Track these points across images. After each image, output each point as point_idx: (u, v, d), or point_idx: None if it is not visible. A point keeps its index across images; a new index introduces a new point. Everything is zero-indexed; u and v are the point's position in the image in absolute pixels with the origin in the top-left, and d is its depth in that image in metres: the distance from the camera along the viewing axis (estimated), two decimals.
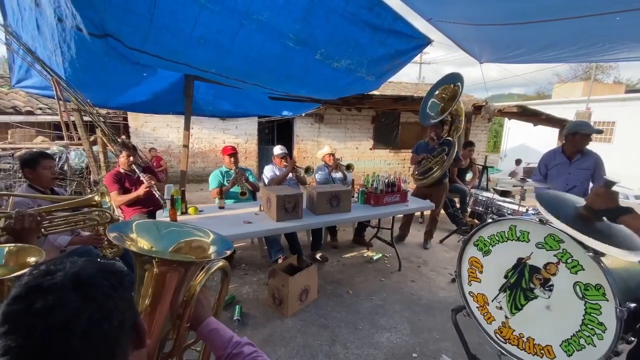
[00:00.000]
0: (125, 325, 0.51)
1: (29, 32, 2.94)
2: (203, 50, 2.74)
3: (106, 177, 3.03)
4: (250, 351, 0.80)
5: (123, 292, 0.52)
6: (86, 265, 0.51)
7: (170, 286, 0.76)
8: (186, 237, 0.87)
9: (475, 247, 1.75)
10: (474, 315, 1.76)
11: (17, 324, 0.42)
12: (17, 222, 1.32)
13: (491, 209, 2.92)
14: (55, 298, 0.44)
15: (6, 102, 6.08)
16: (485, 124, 10.32)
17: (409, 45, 3.16)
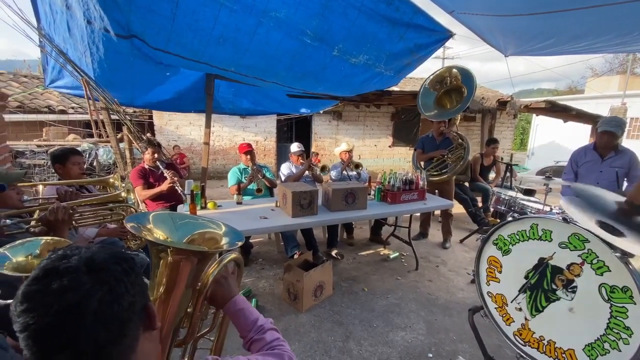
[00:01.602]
0: (136, 308, 0.54)
1: (60, 34, 3.11)
2: (222, 48, 2.80)
3: (132, 172, 3.17)
4: (272, 338, 0.82)
5: (134, 277, 0.55)
6: (100, 251, 0.54)
7: (183, 275, 0.79)
8: (200, 229, 0.90)
9: (495, 246, 1.70)
10: (492, 316, 1.71)
11: (34, 303, 0.46)
12: (51, 214, 1.42)
13: (514, 208, 2.81)
14: (70, 280, 0.48)
15: (41, 102, 6.47)
16: (511, 121, 9.92)
17: (429, 39, 3.09)
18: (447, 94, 3.58)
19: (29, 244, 1.03)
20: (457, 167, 3.60)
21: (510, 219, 1.62)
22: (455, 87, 3.53)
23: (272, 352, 0.77)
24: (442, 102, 3.58)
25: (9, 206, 1.52)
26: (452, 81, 3.55)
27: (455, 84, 3.53)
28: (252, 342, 0.84)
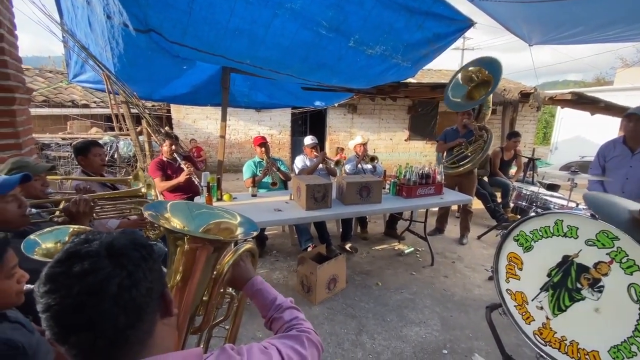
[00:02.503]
0: (153, 294, 0.55)
1: (82, 29, 3.19)
2: (238, 41, 2.80)
3: (150, 164, 3.25)
4: (291, 317, 0.82)
5: (152, 264, 0.56)
6: (119, 237, 0.55)
7: (199, 263, 0.79)
8: (216, 219, 0.90)
9: (515, 242, 1.64)
10: (511, 314, 1.66)
11: (57, 285, 0.48)
12: (74, 206, 1.47)
13: (536, 204, 2.70)
14: (91, 263, 0.49)
15: (65, 96, 6.70)
16: (534, 114, 9.56)
17: (448, 29, 2.99)
18: (476, 88, 3.46)
19: (57, 232, 1.08)
20: (475, 160, 3.49)
21: (533, 215, 1.56)
22: (485, 80, 3.41)
23: (290, 335, 0.77)
24: (472, 96, 3.46)
25: (33, 196, 1.59)
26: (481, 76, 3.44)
27: (484, 77, 3.41)
28: (272, 321, 0.85)
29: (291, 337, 0.75)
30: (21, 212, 1.33)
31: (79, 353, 0.49)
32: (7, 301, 0.94)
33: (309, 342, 0.75)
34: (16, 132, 2.02)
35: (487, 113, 3.50)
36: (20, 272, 0.97)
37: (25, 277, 0.98)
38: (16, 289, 0.95)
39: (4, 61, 1.94)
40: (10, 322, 0.96)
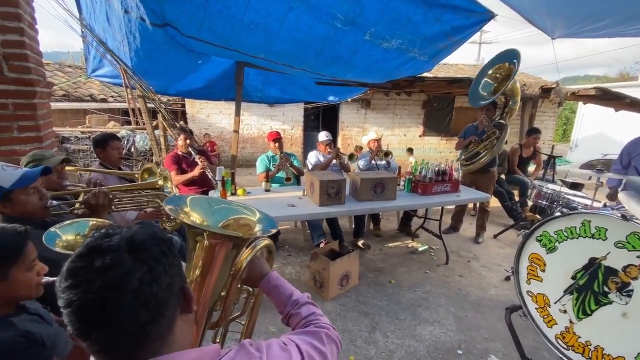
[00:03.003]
0: (173, 289, 0.54)
1: (100, 24, 3.24)
2: (253, 35, 2.79)
3: (166, 158, 3.29)
4: (308, 313, 0.81)
5: (172, 259, 0.55)
6: (139, 231, 0.54)
7: (218, 259, 0.79)
8: (235, 215, 0.90)
9: (538, 242, 1.58)
10: (532, 317, 1.61)
11: (78, 279, 0.47)
12: (93, 198, 1.50)
13: (557, 203, 2.60)
14: (112, 258, 0.48)
15: (84, 91, 6.86)
16: (554, 110, 9.24)
17: (467, 21, 2.90)
18: (501, 83, 3.36)
19: (77, 225, 1.09)
20: (484, 157, 3.39)
21: (558, 214, 1.49)
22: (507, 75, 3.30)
23: (308, 330, 0.75)
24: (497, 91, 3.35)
25: (50, 188, 1.62)
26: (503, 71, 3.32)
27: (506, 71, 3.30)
28: (289, 317, 0.84)
29: (310, 333, 0.74)
30: (42, 204, 1.36)
31: (101, 349, 0.48)
32: (27, 293, 0.96)
33: (327, 339, 0.74)
34: (37, 125, 2.06)
35: (515, 108, 3.34)
36: (40, 264, 0.99)
37: (45, 269, 0.99)
38: (36, 281, 0.96)
39: (25, 55, 1.97)
40: (30, 314, 0.98)
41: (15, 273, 0.91)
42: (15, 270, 0.91)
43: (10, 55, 1.91)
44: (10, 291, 0.91)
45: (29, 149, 2.01)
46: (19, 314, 0.95)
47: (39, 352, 0.90)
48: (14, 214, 1.30)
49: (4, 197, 1.26)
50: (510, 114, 3.37)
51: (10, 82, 1.93)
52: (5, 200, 1.27)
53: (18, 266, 0.91)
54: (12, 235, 0.91)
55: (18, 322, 0.92)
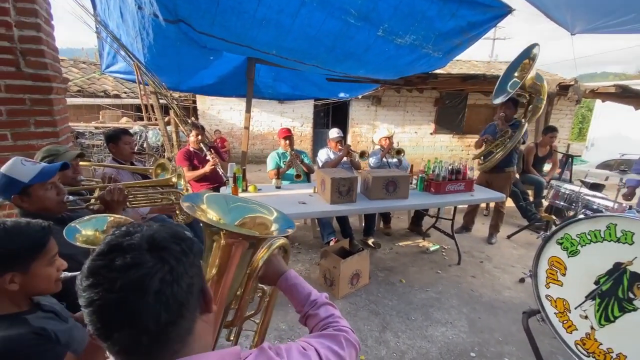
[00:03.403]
0: (194, 290, 0.53)
1: (114, 20, 3.26)
2: (265, 31, 2.77)
3: (178, 154, 3.31)
4: (327, 314, 0.79)
5: (192, 258, 0.54)
6: (160, 229, 0.53)
7: (235, 258, 0.78)
8: (251, 213, 0.88)
9: (559, 245, 1.53)
10: (550, 322, 1.56)
11: (99, 278, 0.46)
12: (108, 194, 1.51)
13: (576, 204, 2.52)
14: (133, 257, 0.47)
15: (98, 87, 6.97)
16: (570, 107, 9.00)
17: (484, 16, 2.82)
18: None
19: (96, 221, 1.10)
20: (495, 156, 3.31)
21: (581, 217, 1.44)
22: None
23: (326, 334, 0.74)
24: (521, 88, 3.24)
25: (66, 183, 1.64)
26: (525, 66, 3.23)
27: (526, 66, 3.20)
28: (307, 317, 0.82)
29: (328, 337, 0.72)
30: (60, 199, 1.38)
31: (121, 350, 0.47)
32: (47, 288, 0.96)
33: (347, 342, 0.72)
34: (53, 120, 2.09)
35: (540, 107, 3.19)
36: (60, 260, 0.99)
37: (64, 265, 1.00)
38: (55, 277, 0.97)
39: (41, 51, 1.99)
40: (44, 311, 0.99)
41: (36, 267, 0.91)
42: (37, 265, 0.91)
43: (27, 50, 1.94)
44: (29, 285, 0.91)
45: (45, 143, 2.04)
46: (33, 311, 0.96)
47: (52, 347, 0.91)
48: (32, 209, 1.31)
49: (23, 192, 1.27)
50: (534, 113, 3.23)
51: (27, 78, 1.95)
52: (23, 195, 1.28)
53: (40, 261, 0.92)
54: (37, 230, 0.92)
55: (32, 319, 0.92)
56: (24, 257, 0.89)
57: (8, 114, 1.95)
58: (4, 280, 0.87)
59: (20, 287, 0.89)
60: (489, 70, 8.05)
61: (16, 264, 0.88)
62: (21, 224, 0.91)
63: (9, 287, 0.88)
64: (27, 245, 0.90)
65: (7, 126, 1.95)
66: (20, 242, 0.88)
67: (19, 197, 1.28)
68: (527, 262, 3.26)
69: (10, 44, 1.88)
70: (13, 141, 1.99)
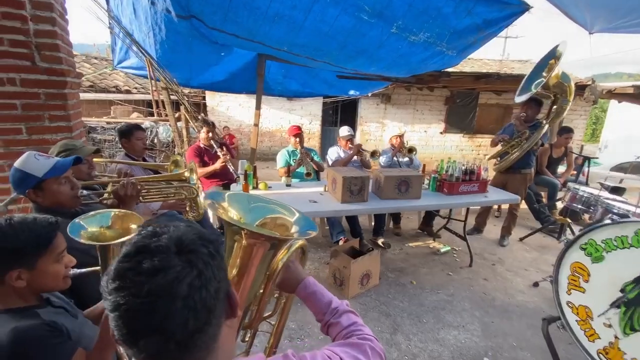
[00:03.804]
0: (220, 295, 0.51)
1: (127, 16, 3.26)
2: (277, 27, 2.75)
3: (188, 151, 3.30)
4: (349, 323, 0.77)
5: (219, 261, 0.52)
6: (188, 231, 0.50)
7: (256, 259, 0.76)
8: (272, 214, 0.86)
9: (582, 250, 1.47)
10: (571, 329, 1.51)
11: (126, 281, 0.44)
12: (122, 189, 1.50)
13: (595, 208, 2.45)
14: (161, 260, 0.45)
15: (109, 82, 7.02)
16: (585, 108, 8.79)
17: (500, 14, 2.76)
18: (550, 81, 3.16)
19: (100, 216, 1.08)
20: (510, 157, 3.23)
21: (608, 222, 1.39)
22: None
23: (351, 342, 0.71)
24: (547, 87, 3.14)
25: (80, 178, 1.63)
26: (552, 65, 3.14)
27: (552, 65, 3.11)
28: (328, 326, 0.80)
29: (353, 346, 0.69)
30: (74, 193, 1.37)
31: (147, 357, 0.45)
32: (54, 285, 0.95)
33: (372, 351, 0.70)
34: (67, 115, 2.09)
35: (565, 107, 3.09)
36: (69, 257, 0.98)
37: (73, 261, 0.98)
38: (64, 273, 0.96)
39: (56, 45, 1.99)
40: (54, 307, 0.98)
41: (43, 264, 0.90)
42: (43, 261, 0.90)
43: (42, 45, 1.94)
44: (37, 282, 0.90)
45: (59, 138, 2.04)
46: (43, 306, 0.95)
47: (63, 341, 0.90)
48: (46, 203, 1.31)
49: (37, 186, 1.27)
50: (558, 114, 3.13)
51: (42, 72, 1.96)
52: (37, 189, 1.28)
53: (46, 257, 0.90)
54: (43, 226, 0.90)
55: (43, 313, 0.92)
56: (29, 254, 0.88)
57: (23, 108, 1.95)
58: (11, 276, 0.86)
59: (27, 283, 0.88)
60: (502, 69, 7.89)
61: (22, 260, 0.87)
62: (27, 220, 0.89)
63: (15, 283, 0.87)
64: (33, 242, 0.88)
65: (22, 120, 1.96)
66: (26, 238, 0.87)
67: (33, 192, 1.28)
68: (541, 266, 3.19)
69: (26, 37, 1.88)
70: (28, 135, 1.99)
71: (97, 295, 1.24)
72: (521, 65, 9.48)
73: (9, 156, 1.95)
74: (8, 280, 0.86)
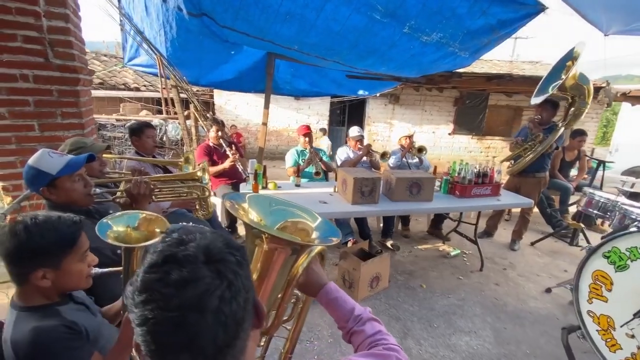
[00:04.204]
0: (248, 305, 0.48)
1: (138, 13, 3.26)
2: (288, 26, 2.73)
3: (198, 149, 3.30)
4: (373, 331, 0.74)
5: (247, 270, 0.49)
6: (214, 238, 0.48)
7: (277, 264, 0.73)
8: (293, 217, 0.83)
9: (605, 259, 1.43)
10: (591, 339, 1.47)
11: (154, 294, 0.41)
12: (135, 188, 1.48)
13: (612, 214, 2.38)
14: (190, 271, 0.42)
15: (119, 79, 7.06)
16: (597, 111, 8.65)
17: (515, 14, 2.71)
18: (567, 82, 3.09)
19: (128, 217, 1.07)
20: (524, 159, 3.17)
21: (634, 230, 1.34)
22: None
23: (377, 353, 0.68)
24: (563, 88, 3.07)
25: (92, 175, 1.63)
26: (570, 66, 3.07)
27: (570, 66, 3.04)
28: (352, 334, 0.77)
29: (380, 357, 0.67)
30: (87, 191, 1.36)
31: None
32: (78, 284, 0.94)
33: None
34: (79, 112, 2.09)
35: (584, 110, 3.03)
36: (92, 256, 0.96)
37: (95, 260, 0.97)
38: (87, 272, 0.94)
39: (69, 42, 1.99)
40: (76, 302, 0.97)
41: (67, 264, 0.89)
42: (68, 261, 0.89)
43: (55, 41, 1.94)
44: (61, 282, 0.89)
45: (70, 135, 2.04)
46: (66, 302, 0.94)
47: (81, 345, 0.89)
48: (59, 201, 1.30)
49: (50, 184, 1.26)
50: (575, 117, 3.06)
51: (55, 69, 1.96)
52: (51, 187, 1.27)
53: (71, 257, 0.90)
54: (68, 225, 0.89)
55: (64, 311, 0.91)
56: (55, 253, 0.87)
57: (35, 105, 1.96)
58: (36, 276, 0.85)
59: (52, 282, 0.87)
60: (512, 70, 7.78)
61: (47, 259, 0.86)
62: (52, 219, 0.88)
63: (40, 283, 0.86)
64: (59, 241, 0.87)
65: (34, 117, 1.96)
66: (52, 237, 0.86)
67: (47, 189, 1.27)
68: (553, 271, 3.13)
69: (39, 34, 1.88)
70: (40, 132, 2.00)
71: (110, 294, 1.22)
72: (532, 66, 9.34)
73: (22, 152, 1.96)
74: (33, 280, 0.85)
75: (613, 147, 14.17)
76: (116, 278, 1.05)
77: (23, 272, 0.85)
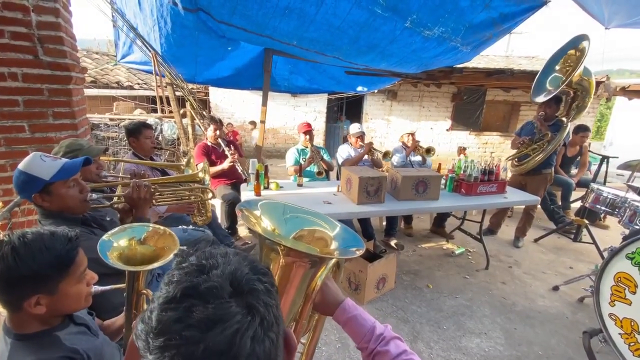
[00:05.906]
0: (279, 340, 0.41)
1: (131, 8, 3.15)
2: (287, 20, 2.66)
3: (196, 149, 3.20)
4: (398, 351, 0.68)
5: (276, 298, 0.42)
6: (239, 263, 0.40)
7: (296, 278, 0.67)
8: (310, 226, 0.76)
9: (629, 260, 1.37)
10: (614, 343, 1.42)
11: (174, 338, 0.33)
12: (134, 192, 1.39)
13: (620, 211, 2.34)
14: (216, 307, 0.35)
15: (112, 77, 6.89)
16: (593, 105, 8.66)
17: (518, 8, 2.66)
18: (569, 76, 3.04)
19: (131, 230, 0.97)
20: (534, 159, 3.13)
21: None
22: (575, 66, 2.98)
23: None
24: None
25: (88, 180, 1.53)
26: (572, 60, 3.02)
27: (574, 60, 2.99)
28: (375, 355, 0.70)
29: None
30: (83, 197, 1.27)
31: None
32: (77, 306, 0.85)
33: None
34: (72, 112, 1.99)
35: (585, 105, 3.00)
36: (90, 273, 0.88)
37: (95, 278, 0.88)
38: (86, 292, 0.86)
39: (60, 38, 1.88)
40: (76, 324, 0.88)
41: (64, 287, 0.79)
42: (65, 284, 0.79)
43: (45, 37, 1.83)
44: (58, 306, 0.80)
45: (63, 136, 1.94)
46: (65, 325, 0.85)
47: None
48: (53, 208, 1.21)
49: (43, 190, 1.17)
50: (579, 111, 3.02)
51: (45, 67, 1.85)
52: (44, 193, 1.18)
53: (68, 279, 0.80)
54: (63, 243, 0.78)
55: (64, 336, 0.82)
56: (50, 277, 0.77)
57: (25, 105, 1.85)
58: (29, 303, 0.75)
59: (47, 308, 0.77)
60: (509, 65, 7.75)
61: (41, 285, 0.76)
62: (44, 237, 0.77)
63: (34, 310, 0.76)
64: (54, 263, 0.76)
65: (24, 117, 1.86)
66: (45, 260, 0.75)
67: (40, 196, 1.18)
68: (558, 268, 3.10)
69: (28, 29, 1.78)
70: (30, 133, 1.89)
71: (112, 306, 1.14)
72: (528, 61, 9.32)
73: (12, 155, 1.86)
74: (26, 308, 0.75)
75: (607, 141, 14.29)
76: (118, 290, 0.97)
77: (14, 300, 0.75)
